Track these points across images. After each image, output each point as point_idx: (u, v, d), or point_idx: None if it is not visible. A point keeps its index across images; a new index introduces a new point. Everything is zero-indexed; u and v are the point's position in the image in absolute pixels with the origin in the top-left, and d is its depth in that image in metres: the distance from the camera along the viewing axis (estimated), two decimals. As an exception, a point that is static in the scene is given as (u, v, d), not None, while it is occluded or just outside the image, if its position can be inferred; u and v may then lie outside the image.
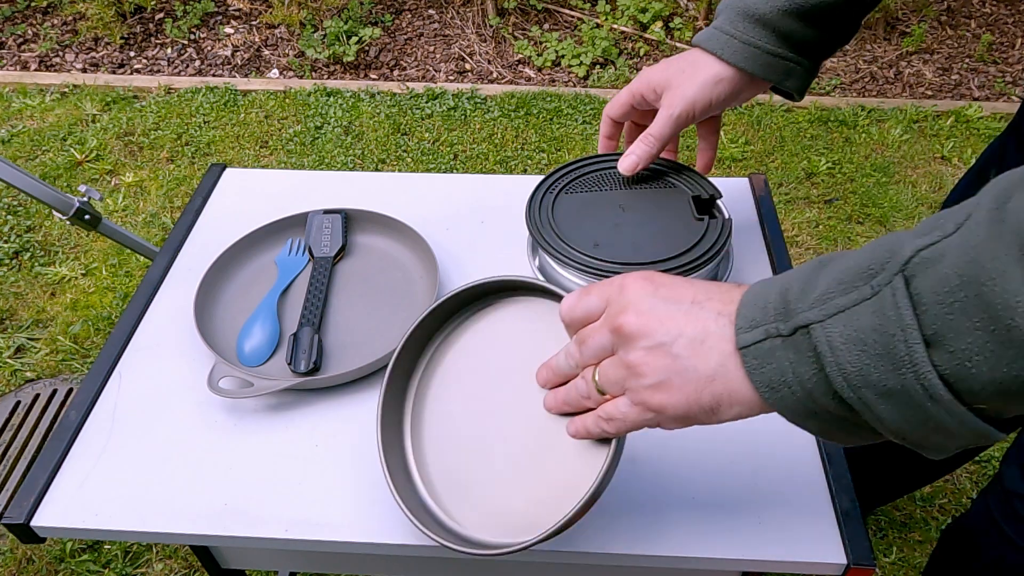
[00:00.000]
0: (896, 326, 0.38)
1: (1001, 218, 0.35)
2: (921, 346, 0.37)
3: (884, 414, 0.40)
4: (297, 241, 0.89)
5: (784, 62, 0.70)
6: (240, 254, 0.87)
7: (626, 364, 0.48)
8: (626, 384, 0.48)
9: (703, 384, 0.45)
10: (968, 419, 0.38)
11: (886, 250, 0.39)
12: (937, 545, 1.05)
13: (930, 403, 0.38)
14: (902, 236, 0.40)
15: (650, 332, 0.46)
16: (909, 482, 1.29)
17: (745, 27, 0.70)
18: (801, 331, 0.41)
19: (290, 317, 0.81)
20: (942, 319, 0.37)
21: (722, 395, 0.46)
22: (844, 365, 0.40)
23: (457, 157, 2.40)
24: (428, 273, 0.85)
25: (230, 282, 0.85)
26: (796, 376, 0.42)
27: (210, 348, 0.74)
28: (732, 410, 0.46)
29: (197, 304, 0.79)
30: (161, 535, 0.65)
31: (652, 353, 0.46)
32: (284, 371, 0.75)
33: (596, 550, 0.63)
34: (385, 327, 0.80)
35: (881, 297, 0.38)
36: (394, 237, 0.90)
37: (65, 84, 2.72)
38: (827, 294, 0.41)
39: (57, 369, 1.80)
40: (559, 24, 3.00)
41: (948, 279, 0.36)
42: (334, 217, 0.90)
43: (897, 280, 0.38)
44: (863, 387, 0.39)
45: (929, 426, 0.39)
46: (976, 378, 0.37)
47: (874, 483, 1.27)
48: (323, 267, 0.86)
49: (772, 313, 0.43)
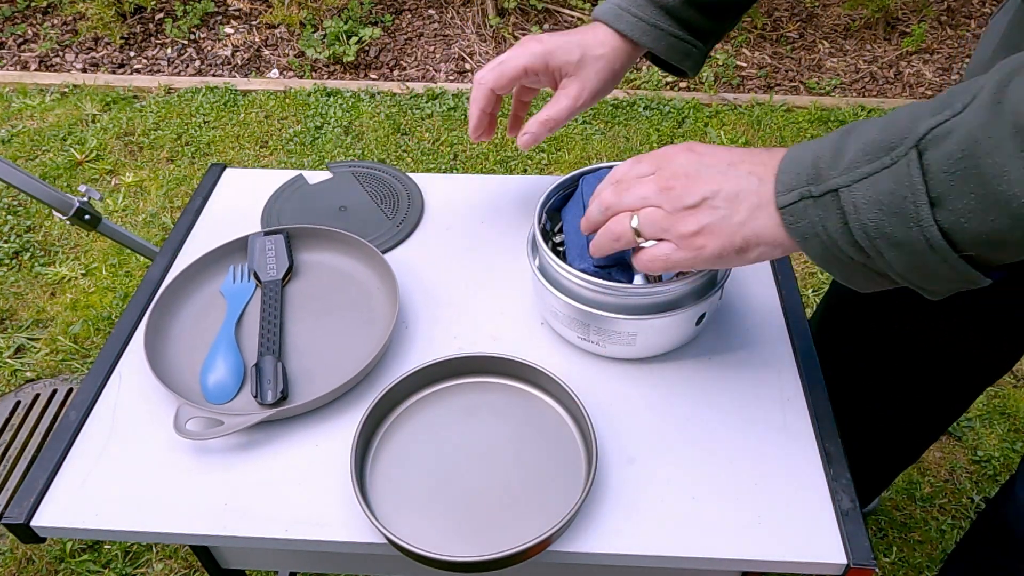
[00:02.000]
0: (908, 190, 0.46)
1: (999, 100, 0.43)
2: (927, 206, 0.46)
3: (893, 261, 0.49)
4: (240, 267, 0.85)
5: (685, 44, 0.77)
6: (182, 289, 0.82)
7: (674, 214, 0.58)
8: (671, 231, 0.58)
9: (736, 229, 0.56)
10: (960, 265, 0.47)
11: (906, 125, 0.47)
12: (965, 539, 1.04)
13: (930, 251, 0.47)
14: (919, 112, 0.48)
15: (695, 190, 0.57)
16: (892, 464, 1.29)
17: (651, 11, 0.76)
18: (831, 194, 0.50)
19: (247, 347, 0.78)
20: (945, 185, 0.45)
21: (750, 238, 0.56)
22: (864, 221, 0.49)
23: (457, 157, 2.40)
24: (385, 283, 0.82)
25: (177, 319, 0.80)
26: (825, 229, 0.51)
27: (171, 390, 0.71)
28: (758, 250, 0.56)
29: (148, 347, 0.74)
30: (161, 535, 0.65)
31: (698, 207, 0.57)
32: (250, 404, 0.72)
33: (596, 550, 0.63)
34: (348, 344, 0.78)
35: (898, 166, 0.47)
36: (341, 251, 0.86)
37: (65, 84, 2.72)
38: (854, 162, 0.49)
39: (57, 369, 1.80)
40: (559, 24, 3.00)
41: (953, 153, 0.45)
42: (276, 238, 0.86)
43: (912, 153, 0.46)
44: (878, 238, 0.49)
45: (928, 270, 0.49)
46: (967, 231, 0.46)
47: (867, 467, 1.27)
48: (273, 291, 0.82)
49: (805, 178, 0.52)
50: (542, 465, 0.67)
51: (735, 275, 0.84)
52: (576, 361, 0.77)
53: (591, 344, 0.74)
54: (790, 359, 0.76)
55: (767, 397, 0.73)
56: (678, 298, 0.70)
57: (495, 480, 0.66)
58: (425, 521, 0.64)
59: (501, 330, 0.80)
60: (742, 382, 0.74)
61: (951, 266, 0.48)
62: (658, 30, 0.75)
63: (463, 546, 0.62)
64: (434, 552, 0.59)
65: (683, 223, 0.57)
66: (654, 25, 0.75)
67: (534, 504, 0.64)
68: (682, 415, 0.72)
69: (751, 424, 0.71)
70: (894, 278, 0.51)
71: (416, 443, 0.69)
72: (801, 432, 0.70)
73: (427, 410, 0.72)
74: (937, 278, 0.50)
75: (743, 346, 0.78)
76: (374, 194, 0.96)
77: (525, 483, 0.66)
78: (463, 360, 0.73)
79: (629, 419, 0.72)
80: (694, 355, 0.77)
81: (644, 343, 0.73)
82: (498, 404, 0.72)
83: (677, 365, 0.76)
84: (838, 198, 0.50)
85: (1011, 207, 0.43)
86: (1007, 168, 0.42)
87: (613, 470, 0.68)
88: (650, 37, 0.75)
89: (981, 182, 0.44)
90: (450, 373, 0.74)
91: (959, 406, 1.10)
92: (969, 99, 0.45)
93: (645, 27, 0.75)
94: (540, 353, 0.77)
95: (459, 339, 0.80)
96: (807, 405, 0.72)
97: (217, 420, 0.69)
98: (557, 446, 0.69)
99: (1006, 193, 0.43)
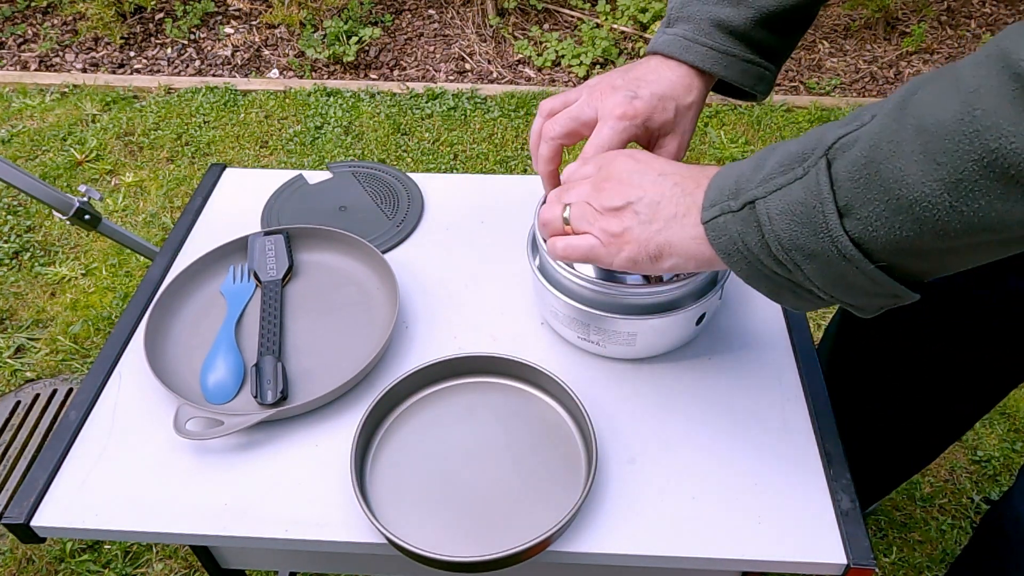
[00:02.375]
0: (817, 199, 0.47)
1: (904, 107, 0.44)
2: (835, 215, 0.46)
3: (811, 273, 0.49)
4: (240, 267, 0.85)
5: (758, 68, 0.73)
6: (182, 289, 0.82)
7: (599, 216, 0.60)
8: (596, 226, 0.60)
9: (651, 236, 0.57)
10: (878, 276, 0.47)
11: (816, 138, 0.48)
12: (972, 543, 1.04)
13: (844, 262, 0.47)
14: (832, 125, 0.48)
15: (623, 193, 0.59)
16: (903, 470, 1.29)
17: (721, 38, 0.71)
18: (748, 206, 0.51)
19: (247, 347, 0.78)
20: (852, 193, 0.46)
21: (663, 246, 0.57)
22: (779, 232, 0.49)
23: (457, 157, 2.40)
24: (385, 283, 0.82)
25: (177, 319, 0.80)
26: (745, 243, 0.52)
27: (171, 391, 0.71)
28: (671, 260, 0.57)
29: (148, 347, 0.74)
30: (161, 535, 0.65)
31: (622, 210, 0.59)
32: (250, 404, 0.72)
33: (596, 550, 0.63)
34: (349, 344, 0.78)
35: (809, 176, 0.48)
36: (341, 251, 0.87)
37: (65, 84, 2.72)
38: (770, 175, 0.50)
39: (57, 369, 1.80)
40: (559, 24, 3.00)
41: (857, 160, 0.45)
42: (276, 238, 0.86)
43: (822, 163, 0.47)
44: (793, 250, 0.49)
45: (847, 282, 0.49)
46: (877, 239, 0.46)
47: (870, 475, 1.27)
48: (273, 291, 0.82)
49: (727, 193, 0.53)
50: (542, 465, 0.67)
51: (736, 276, 0.84)
52: (576, 361, 0.77)
53: (591, 344, 0.74)
54: (790, 359, 0.76)
55: (767, 397, 0.73)
56: (678, 298, 0.70)
57: (495, 480, 0.66)
58: (425, 521, 0.64)
59: (501, 330, 0.80)
60: (742, 382, 0.74)
61: (869, 278, 0.48)
62: (730, 57, 0.71)
63: (463, 546, 0.62)
64: (434, 552, 0.59)
65: (608, 222, 0.59)
66: (726, 52, 0.71)
67: (534, 504, 0.64)
68: (682, 415, 0.72)
69: (751, 424, 0.71)
70: (818, 294, 0.51)
71: (416, 443, 0.69)
72: (801, 432, 0.70)
73: (427, 410, 0.72)
74: (858, 291, 0.49)
75: (743, 346, 0.78)
76: (374, 194, 0.97)
77: (525, 483, 0.66)
78: (463, 360, 0.73)
79: (629, 419, 0.72)
80: (694, 355, 0.77)
81: (644, 343, 0.73)
82: (498, 404, 0.72)
83: (677, 365, 0.76)
84: (755, 210, 0.50)
85: (914, 211, 0.43)
86: (906, 172, 0.43)
87: (613, 470, 0.68)
88: (723, 65, 0.71)
89: (884, 188, 0.44)
90: (450, 373, 0.74)
91: (973, 416, 1.10)
92: (878, 110, 0.46)
93: (718, 56, 0.71)
94: (540, 353, 0.77)
95: (459, 339, 0.80)
96: (807, 405, 0.72)
97: (217, 420, 0.69)
98: (557, 446, 0.69)
99: (907, 197, 0.43)
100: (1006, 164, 0.39)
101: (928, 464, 1.27)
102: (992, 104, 0.39)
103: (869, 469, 1.23)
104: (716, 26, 0.71)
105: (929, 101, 0.42)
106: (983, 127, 0.40)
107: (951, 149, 0.41)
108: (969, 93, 0.41)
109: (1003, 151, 0.39)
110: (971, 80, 0.41)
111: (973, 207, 0.41)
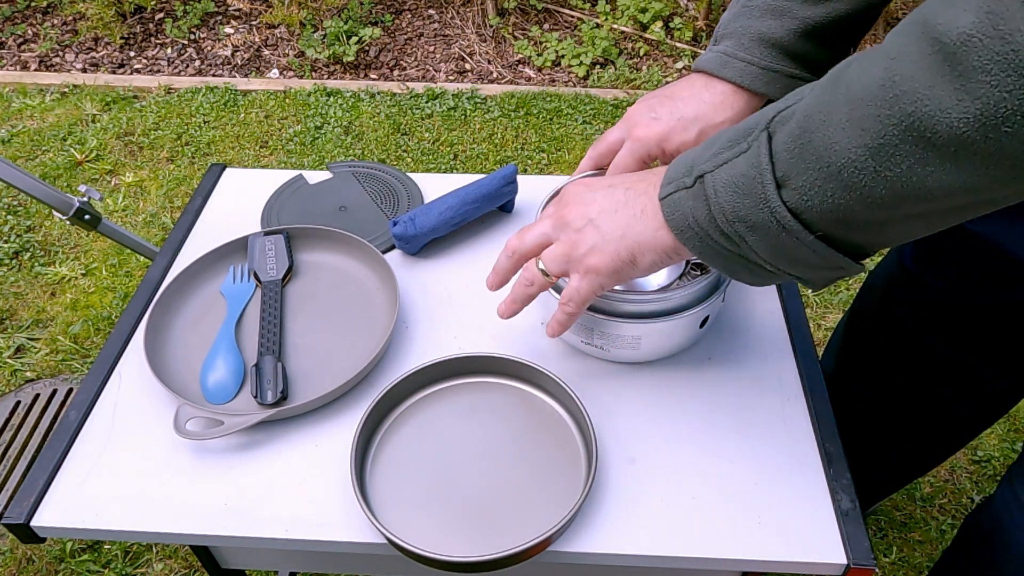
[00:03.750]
0: (757, 171, 0.48)
1: (837, 78, 0.45)
2: (773, 185, 0.48)
3: (755, 245, 0.51)
4: (240, 267, 0.85)
5: (801, 83, 0.70)
6: (182, 289, 0.82)
7: (567, 243, 0.61)
8: (569, 258, 0.61)
9: (618, 241, 0.58)
10: (818, 247, 0.48)
11: (761, 114, 0.50)
12: (953, 543, 1.04)
13: (784, 233, 0.48)
14: (776, 103, 0.50)
15: (581, 214, 0.60)
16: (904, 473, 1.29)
17: (763, 52, 0.69)
18: (699, 181, 0.52)
19: (247, 347, 0.78)
20: (788, 164, 0.47)
21: (633, 247, 0.58)
22: (723, 204, 0.50)
23: (457, 157, 2.40)
24: (385, 283, 0.82)
25: (177, 319, 0.80)
26: (695, 218, 0.53)
27: (171, 391, 0.71)
28: (646, 258, 0.58)
29: (148, 347, 0.74)
30: (161, 535, 0.65)
31: (583, 229, 0.60)
32: (250, 404, 0.72)
33: (596, 550, 0.63)
34: (348, 344, 0.78)
35: (751, 151, 0.49)
36: (341, 251, 0.87)
37: (65, 84, 2.72)
38: (719, 151, 0.52)
39: (57, 369, 1.80)
40: (559, 24, 3.00)
41: (793, 131, 0.47)
42: (276, 238, 0.86)
43: (763, 136, 0.49)
44: (736, 221, 0.50)
45: (790, 255, 0.50)
46: (812, 209, 0.47)
47: (871, 476, 1.27)
48: (273, 291, 0.82)
49: (682, 171, 0.54)
50: (542, 465, 0.67)
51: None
52: (576, 361, 0.77)
53: (595, 348, 0.74)
54: (790, 360, 0.76)
55: (767, 397, 0.73)
56: (683, 301, 0.70)
57: (495, 480, 0.66)
58: (425, 521, 0.64)
59: (501, 330, 0.80)
60: (742, 382, 0.74)
61: (811, 249, 0.49)
62: (771, 72, 0.69)
63: (463, 546, 0.62)
64: (434, 552, 0.59)
65: (575, 248, 0.60)
66: (767, 68, 0.69)
67: (534, 504, 0.64)
68: (682, 415, 0.72)
69: (751, 424, 0.71)
70: (765, 267, 0.52)
71: (416, 443, 0.69)
72: (801, 432, 0.70)
73: (427, 410, 0.72)
74: (801, 263, 0.50)
75: (744, 347, 0.78)
76: (374, 194, 0.97)
77: (525, 483, 0.66)
78: (463, 360, 0.73)
79: (629, 419, 0.72)
80: (694, 356, 0.77)
81: (649, 347, 0.73)
82: (498, 404, 0.72)
83: (677, 366, 0.76)
84: (703, 184, 0.52)
85: (843, 177, 0.45)
86: (835, 139, 0.44)
87: (613, 470, 0.68)
88: (763, 81, 0.69)
89: (816, 156, 0.45)
90: (450, 373, 0.74)
91: (976, 421, 1.10)
92: (816, 85, 0.48)
93: (757, 72, 0.69)
94: (540, 353, 0.77)
95: (459, 339, 0.80)
96: (807, 405, 0.72)
97: (217, 420, 0.69)
98: (557, 446, 0.69)
99: (836, 163, 0.44)
100: (922, 128, 0.40)
101: (932, 467, 1.27)
102: (911, 70, 0.40)
103: (872, 470, 1.23)
104: (758, 40, 0.69)
105: (857, 71, 0.44)
106: (901, 91, 0.41)
107: (874, 115, 0.42)
108: (891, 60, 0.42)
109: (919, 115, 0.40)
110: (893, 47, 0.42)
111: (896, 171, 0.42)
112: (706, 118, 0.71)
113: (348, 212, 0.94)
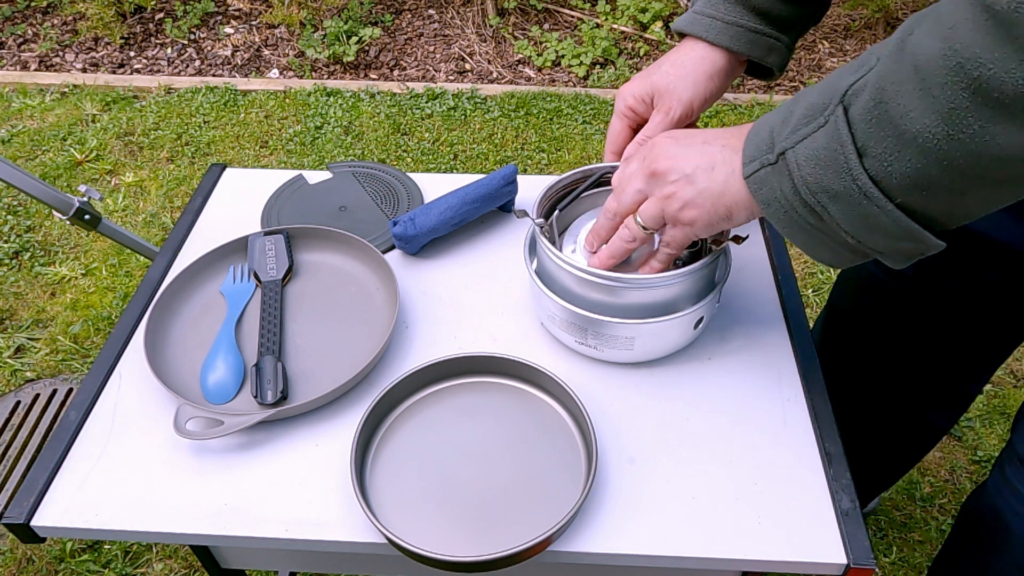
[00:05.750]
0: (838, 143, 0.51)
1: (902, 48, 0.47)
2: (855, 155, 0.50)
3: (836, 215, 0.53)
4: (240, 267, 0.85)
5: (766, 38, 0.75)
6: (182, 289, 0.82)
7: (662, 197, 0.63)
8: (665, 213, 0.63)
9: (716, 198, 0.60)
10: (897, 215, 0.51)
11: (832, 87, 0.52)
12: (952, 532, 1.04)
13: (865, 200, 0.51)
14: (842, 73, 0.52)
15: (675, 168, 0.62)
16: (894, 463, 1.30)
17: (727, 8, 0.74)
18: (780, 157, 0.55)
19: (247, 347, 0.78)
20: (866, 134, 0.50)
21: (731, 205, 0.60)
22: (806, 176, 0.53)
23: (457, 157, 2.40)
24: (385, 283, 0.82)
25: (177, 319, 0.80)
26: (781, 192, 0.55)
27: (171, 390, 0.71)
28: (742, 214, 0.60)
29: (148, 347, 0.74)
30: (161, 535, 0.65)
31: (679, 183, 0.62)
32: (250, 404, 0.72)
33: (596, 550, 0.63)
34: (349, 344, 0.78)
35: (830, 124, 0.51)
36: (341, 251, 0.86)
37: (65, 84, 2.72)
38: (797, 126, 0.54)
39: (57, 369, 1.80)
40: (559, 24, 3.00)
41: (868, 103, 0.49)
42: (276, 238, 0.86)
43: (839, 109, 0.51)
44: (819, 192, 0.53)
45: (870, 222, 0.52)
46: (892, 175, 0.49)
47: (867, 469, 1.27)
48: (273, 291, 0.82)
49: (764, 147, 0.56)
50: (542, 465, 0.67)
51: (735, 275, 0.84)
52: (576, 361, 0.77)
53: (589, 348, 0.74)
54: (790, 360, 0.76)
55: (767, 397, 0.73)
56: (675, 301, 0.70)
57: (495, 480, 0.66)
58: (425, 521, 0.64)
59: (501, 330, 0.80)
60: (742, 382, 0.74)
61: (891, 218, 0.51)
62: (735, 27, 0.74)
63: (463, 546, 0.62)
64: (434, 552, 0.59)
65: (670, 203, 0.63)
66: (731, 23, 0.74)
67: (534, 504, 0.64)
68: (682, 415, 0.72)
69: (751, 424, 0.71)
70: (847, 239, 0.54)
71: (416, 443, 0.69)
72: (801, 432, 0.70)
73: (427, 410, 0.72)
74: (880, 232, 0.52)
75: (743, 346, 0.78)
76: (374, 194, 0.97)
77: (525, 483, 0.66)
78: (463, 360, 0.73)
79: (629, 419, 0.72)
80: (695, 356, 0.77)
81: (642, 347, 0.73)
82: (498, 404, 0.72)
83: (677, 366, 0.76)
84: (786, 160, 0.54)
85: (919, 143, 0.47)
86: (910, 108, 0.47)
87: (613, 470, 0.68)
88: (726, 35, 0.74)
89: (892, 125, 0.48)
90: (450, 373, 0.74)
91: (963, 402, 1.11)
92: (881, 51, 0.50)
93: (721, 26, 0.74)
94: (540, 353, 0.77)
95: (459, 339, 0.80)
96: (807, 405, 0.72)
97: (217, 420, 0.69)
98: (557, 446, 0.69)
99: (911, 131, 0.47)
100: (989, 89, 0.43)
101: (923, 457, 1.28)
102: (969, 38, 0.43)
103: (861, 463, 1.23)
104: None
105: (918, 41, 0.46)
106: (964, 59, 0.44)
107: (941, 83, 0.45)
108: (948, 30, 0.44)
109: (984, 78, 0.43)
110: (949, 18, 0.45)
111: (967, 133, 0.45)
112: (682, 67, 0.76)
113: (348, 212, 0.94)
